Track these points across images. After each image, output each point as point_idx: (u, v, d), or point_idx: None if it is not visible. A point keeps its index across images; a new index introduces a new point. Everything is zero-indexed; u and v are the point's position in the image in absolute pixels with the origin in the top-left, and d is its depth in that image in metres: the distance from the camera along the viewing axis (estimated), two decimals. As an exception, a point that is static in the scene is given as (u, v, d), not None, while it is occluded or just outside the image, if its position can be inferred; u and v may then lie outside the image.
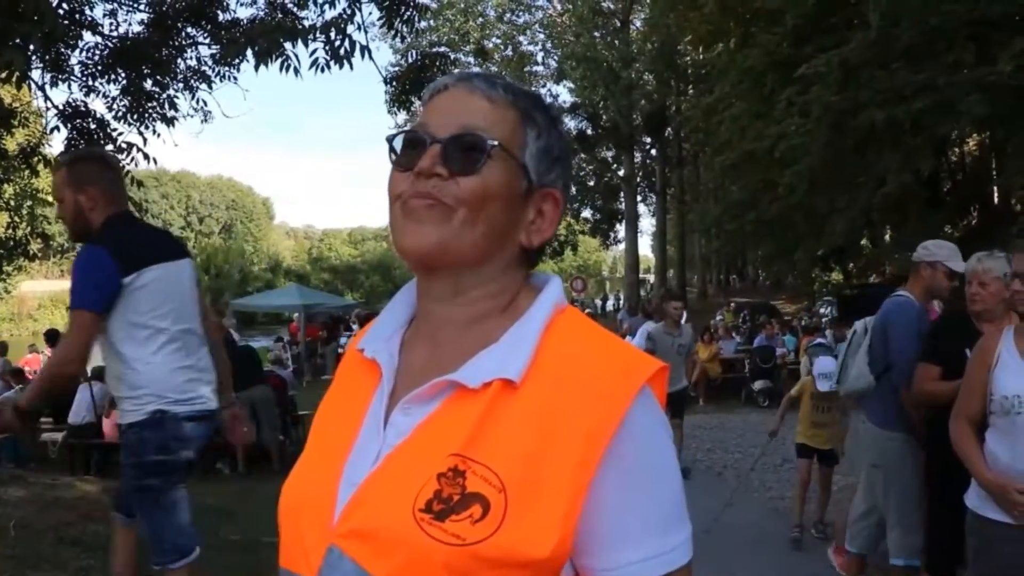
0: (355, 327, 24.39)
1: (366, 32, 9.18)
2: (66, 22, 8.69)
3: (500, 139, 1.12)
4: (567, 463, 1.01)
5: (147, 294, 3.59)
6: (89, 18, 9.52)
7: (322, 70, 7.92)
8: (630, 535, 1.04)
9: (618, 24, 35.45)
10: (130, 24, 9.95)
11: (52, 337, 14.37)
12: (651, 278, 47.73)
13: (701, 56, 30.02)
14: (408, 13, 9.04)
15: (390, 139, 1.18)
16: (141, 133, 9.71)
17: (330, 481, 1.10)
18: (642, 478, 1.06)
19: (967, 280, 4.29)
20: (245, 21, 9.45)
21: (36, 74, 9.09)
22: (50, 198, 20.54)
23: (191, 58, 10.08)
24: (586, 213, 40.98)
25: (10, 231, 12.40)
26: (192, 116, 10.58)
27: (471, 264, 1.13)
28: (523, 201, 1.16)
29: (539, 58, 38.51)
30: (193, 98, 10.28)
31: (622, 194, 39.34)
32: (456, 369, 1.09)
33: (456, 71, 1.33)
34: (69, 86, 9.66)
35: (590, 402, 1.04)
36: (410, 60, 11.26)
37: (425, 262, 1.14)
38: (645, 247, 54.34)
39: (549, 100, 1.25)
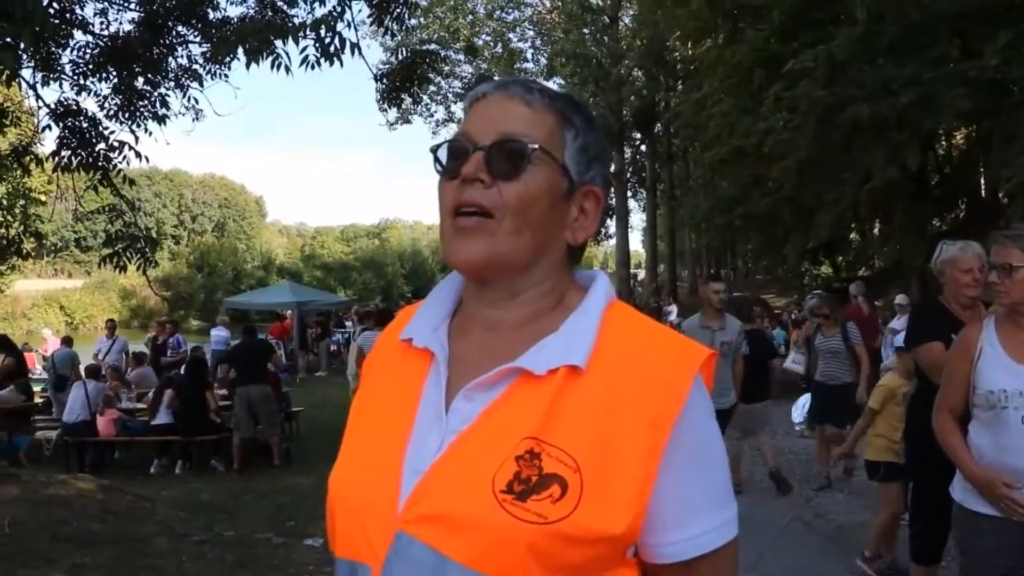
0: (348, 324, 24.39)
1: (356, 30, 9.22)
2: (57, 21, 8.71)
3: (540, 142, 1.16)
4: (637, 449, 1.06)
5: None
6: (80, 17, 9.54)
7: (312, 67, 7.97)
8: (690, 513, 1.10)
9: (607, 21, 35.43)
10: (121, 23, 9.98)
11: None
12: (642, 273, 47.79)
13: (690, 52, 30.15)
14: (398, 10, 9.08)
15: (434, 149, 1.21)
16: (133, 131, 9.72)
17: (390, 469, 1.11)
18: (700, 460, 1.11)
19: (958, 268, 4.23)
20: (235, 19, 9.49)
21: (27, 73, 9.09)
22: (43, 197, 20.55)
23: (182, 56, 10.13)
24: (577, 209, 40.98)
25: (3, 230, 12.38)
26: (184, 114, 10.62)
27: (522, 269, 1.17)
28: (566, 201, 1.19)
29: (529, 55, 38.51)
30: (184, 96, 10.31)
31: (612, 190, 39.36)
32: (517, 358, 1.12)
33: (496, 78, 1.30)
34: (61, 85, 9.69)
35: (653, 391, 1.09)
36: (400, 57, 11.28)
37: (478, 274, 1.18)
38: (636, 242, 54.42)
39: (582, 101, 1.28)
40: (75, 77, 9.62)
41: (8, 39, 6.48)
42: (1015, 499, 3.06)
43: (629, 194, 40.93)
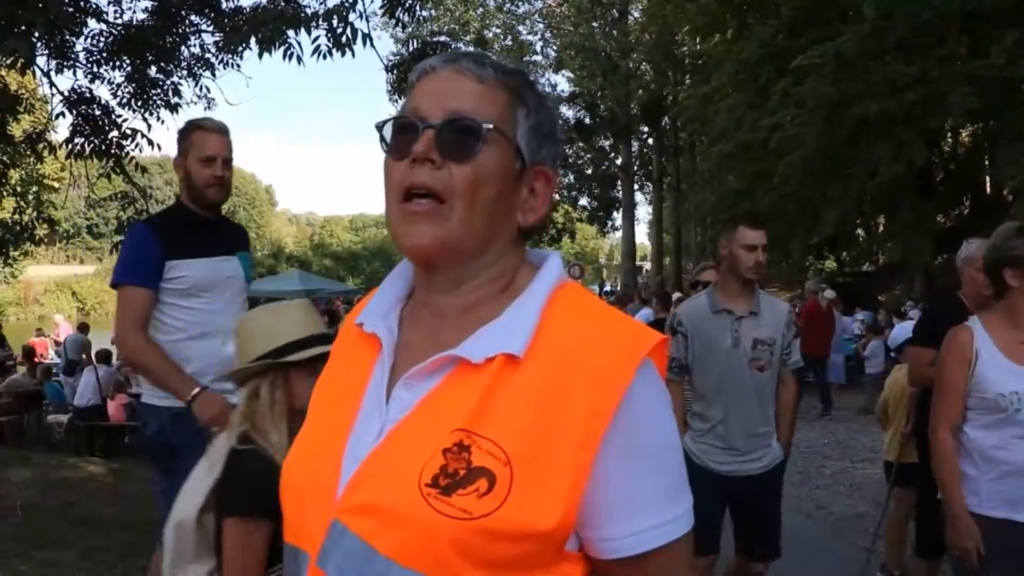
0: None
1: (368, 20, 9.25)
2: (71, 9, 8.77)
3: (493, 121, 1.10)
4: (570, 440, 1.01)
5: None
6: (94, 5, 9.54)
7: (324, 57, 8.02)
8: (633, 507, 1.05)
9: (616, 14, 35.38)
10: (134, 11, 9.96)
11: None
12: (647, 265, 47.76)
13: (698, 47, 30.11)
14: (409, 2, 9.12)
15: (380, 126, 1.16)
16: (145, 119, 9.76)
17: (333, 456, 1.09)
18: (644, 452, 1.06)
19: (974, 267, 4.13)
20: (248, 9, 9.54)
21: (41, 61, 9.12)
22: (56, 184, 20.50)
23: (194, 45, 10.13)
24: (584, 201, 40.98)
25: (16, 216, 12.45)
26: (196, 103, 10.60)
27: (472, 254, 1.12)
28: (517, 182, 1.14)
29: (538, 48, 38.47)
30: (197, 85, 10.34)
31: (619, 182, 39.37)
32: (457, 345, 1.08)
33: (444, 53, 1.19)
34: (74, 73, 9.71)
35: (592, 379, 1.03)
36: (411, 49, 11.32)
37: (428, 260, 1.13)
38: (642, 235, 54.16)
39: (533, 76, 1.11)
40: (89, 65, 9.66)
41: (23, 27, 6.59)
42: (971, 554, 3.06)
43: (636, 187, 40.93)
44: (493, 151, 1.10)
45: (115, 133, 9.41)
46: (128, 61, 9.67)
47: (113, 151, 9.36)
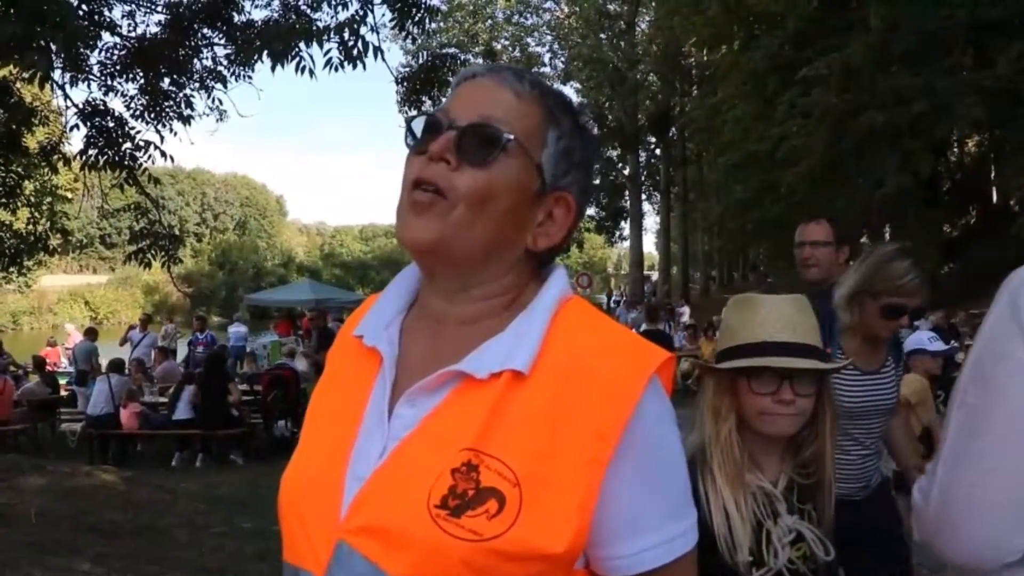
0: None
1: (378, 33, 9.29)
2: (86, 23, 8.87)
3: (519, 135, 1.09)
4: (579, 459, 1.00)
5: None
6: (108, 19, 9.67)
7: (336, 70, 8.11)
8: (642, 524, 1.04)
9: (623, 26, 35.56)
10: (148, 25, 10.11)
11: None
12: (655, 275, 47.79)
13: (705, 58, 30.24)
14: (419, 15, 9.20)
15: (409, 120, 1.15)
16: (158, 131, 9.84)
17: (334, 474, 1.07)
18: (652, 469, 1.05)
19: None
20: (260, 23, 9.64)
21: (56, 74, 9.14)
22: (70, 195, 20.67)
23: (207, 58, 10.21)
24: (591, 211, 41.11)
25: (30, 226, 12.54)
26: (208, 115, 10.66)
27: (472, 262, 1.10)
28: (533, 202, 1.12)
29: (546, 59, 38.82)
30: (209, 97, 10.40)
31: (627, 193, 39.50)
32: (461, 360, 1.06)
33: (488, 62, 1.19)
34: (88, 85, 9.77)
35: (600, 398, 1.02)
36: (421, 61, 11.43)
37: (424, 256, 1.12)
38: (649, 244, 54.42)
39: (580, 101, 1.03)
40: (103, 78, 9.73)
41: (42, 42, 6.70)
42: None
43: (643, 197, 41.04)
44: (511, 164, 1.08)
45: (128, 145, 9.45)
46: (141, 74, 9.76)
47: (126, 162, 9.41)
